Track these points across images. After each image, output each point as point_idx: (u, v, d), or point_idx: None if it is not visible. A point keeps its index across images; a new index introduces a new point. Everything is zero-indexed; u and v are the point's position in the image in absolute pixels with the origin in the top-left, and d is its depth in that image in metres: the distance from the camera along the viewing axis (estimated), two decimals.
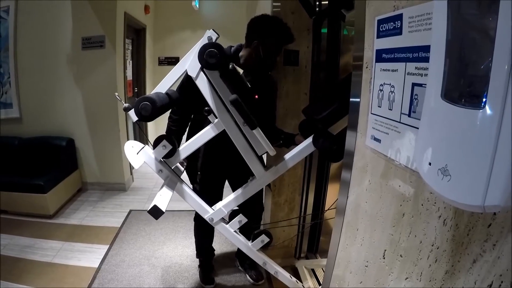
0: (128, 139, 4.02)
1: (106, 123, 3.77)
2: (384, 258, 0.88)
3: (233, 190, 2.05)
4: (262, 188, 2.05)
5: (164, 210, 1.45)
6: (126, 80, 4.03)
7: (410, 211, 0.77)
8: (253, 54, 1.76)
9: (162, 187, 1.61)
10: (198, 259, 2.46)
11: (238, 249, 2.35)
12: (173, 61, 5.60)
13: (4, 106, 3.62)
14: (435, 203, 0.68)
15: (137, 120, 1.49)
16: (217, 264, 2.56)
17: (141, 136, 4.94)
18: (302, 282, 2.20)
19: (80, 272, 2.42)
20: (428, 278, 0.70)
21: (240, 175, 2.00)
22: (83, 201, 3.67)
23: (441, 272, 0.66)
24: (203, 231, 2.30)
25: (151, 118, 1.42)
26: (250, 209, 2.15)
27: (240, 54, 1.83)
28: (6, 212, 3.26)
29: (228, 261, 2.62)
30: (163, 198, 1.51)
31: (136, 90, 4.82)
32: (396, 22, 0.81)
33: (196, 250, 2.42)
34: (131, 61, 4.61)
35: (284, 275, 1.96)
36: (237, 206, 2.02)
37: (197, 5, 4.87)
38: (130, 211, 3.45)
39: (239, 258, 2.54)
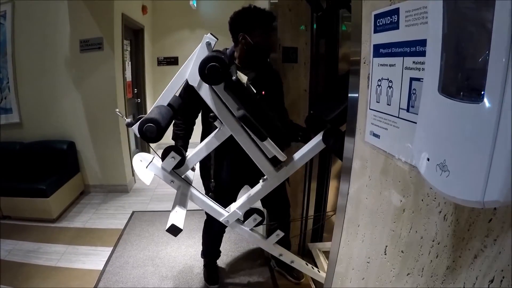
0: (129, 141, 4.04)
1: (107, 125, 3.76)
2: (385, 254, 0.87)
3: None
4: (285, 185, 2.08)
5: (182, 228, 1.46)
6: (126, 81, 4.02)
7: (410, 206, 0.76)
8: (244, 46, 1.75)
9: (175, 200, 1.62)
10: (202, 259, 2.46)
11: None
12: (172, 61, 5.61)
13: (4, 112, 3.61)
14: (435, 198, 0.68)
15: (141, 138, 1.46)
16: (222, 264, 2.57)
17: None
18: (317, 266, 2.20)
19: (85, 275, 2.43)
20: (429, 274, 0.70)
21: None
22: (85, 204, 3.68)
23: (442, 267, 0.66)
24: (213, 236, 2.31)
25: (157, 139, 1.38)
26: (276, 207, 2.18)
27: (235, 54, 1.83)
28: (9, 218, 3.27)
29: (232, 261, 2.63)
30: (179, 215, 1.52)
31: (135, 91, 4.82)
32: (393, 17, 0.80)
33: (203, 252, 2.43)
34: (130, 62, 4.60)
35: (300, 263, 2.02)
36: (264, 207, 2.07)
37: (195, 4, 4.86)
38: (133, 212, 3.45)
39: (276, 259, 2.35)
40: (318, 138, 1.62)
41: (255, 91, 1.56)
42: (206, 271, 2.41)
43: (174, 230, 1.45)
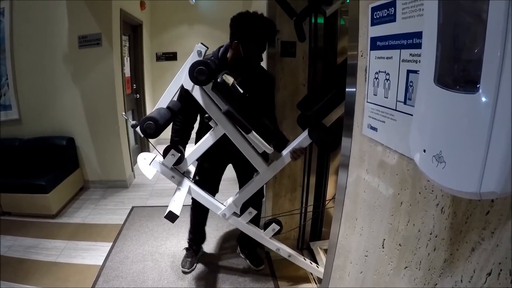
0: (128, 136, 4.03)
1: (106, 121, 3.75)
2: (383, 248, 0.87)
3: (238, 176, 2.25)
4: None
5: (178, 214, 1.63)
6: (124, 77, 4.00)
7: (408, 199, 0.76)
8: (235, 53, 1.79)
9: (175, 192, 1.79)
10: (188, 245, 2.53)
11: (240, 236, 2.55)
12: (170, 56, 5.58)
13: (3, 108, 3.60)
14: (432, 191, 0.67)
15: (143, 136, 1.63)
16: (220, 250, 2.63)
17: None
18: (317, 264, 2.22)
19: (84, 270, 2.43)
20: (427, 267, 0.69)
21: (243, 162, 2.05)
22: (85, 200, 3.67)
23: (440, 260, 0.65)
24: (198, 215, 2.39)
25: (156, 135, 1.57)
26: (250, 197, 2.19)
27: (227, 55, 1.86)
28: (9, 214, 3.27)
29: (232, 254, 2.64)
30: (177, 203, 1.68)
31: (134, 87, 4.80)
32: (389, 9, 0.79)
33: (190, 232, 2.49)
34: (128, 58, 4.58)
35: (297, 258, 2.08)
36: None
37: (193, 0, 4.83)
38: (133, 207, 3.45)
39: (240, 245, 2.59)
40: (304, 133, 1.75)
41: (242, 91, 1.63)
42: (186, 256, 2.48)
43: (172, 217, 1.61)
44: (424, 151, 0.53)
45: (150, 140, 1.75)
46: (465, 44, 0.47)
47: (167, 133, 1.83)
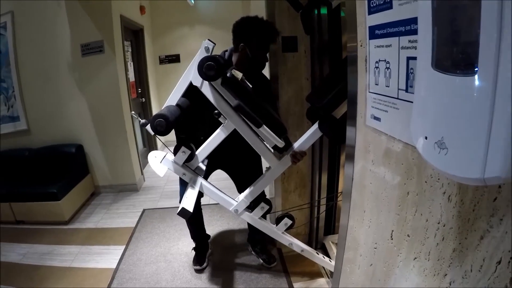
0: (135, 140, 4.06)
1: (113, 126, 3.78)
2: (392, 239, 0.86)
3: (234, 180, 2.26)
4: (262, 172, 2.17)
5: (191, 211, 1.63)
6: (129, 82, 4.03)
7: (414, 189, 0.75)
8: (243, 56, 1.82)
9: (187, 189, 1.80)
10: (195, 244, 2.54)
11: (249, 235, 2.57)
12: (173, 58, 5.60)
13: (12, 120, 3.65)
14: (438, 179, 0.66)
15: (154, 134, 1.62)
16: (232, 249, 2.64)
17: (148, 136, 4.98)
18: (330, 258, 2.22)
19: (98, 274, 2.46)
20: (436, 257, 0.68)
21: (236, 166, 2.16)
22: (96, 205, 3.71)
23: (449, 250, 0.64)
24: (194, 223, 2.41)
25: (167, 132, 1.56)
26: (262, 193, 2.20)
27: (233, 59, 1.88)
28: (23, 222, 3.31)
29: (242, 248, 2.66)
30: (189, 200, 1.69)
31: (139, 91, 4.83)
32: None
33: (192, 237, 2.51)
34: (132, 63, 4.60)
35: (310, 252, 2.07)
36: (238, 192, 2.18)
37: (192, 1, 4.83)
38: (144, 210, 3.48)
39: (251, 243, 2.59)
40: (314, 126, 1.74)
41: (250, 86, 1.66)
42: (196, 254, 2.50)
43: (184, 213, 1.62)
44: (426, 138, 0.51)
45: (161, 138, 1.73)
46: (461, 26, 0.45)
47: (172, 135, 1.83)
